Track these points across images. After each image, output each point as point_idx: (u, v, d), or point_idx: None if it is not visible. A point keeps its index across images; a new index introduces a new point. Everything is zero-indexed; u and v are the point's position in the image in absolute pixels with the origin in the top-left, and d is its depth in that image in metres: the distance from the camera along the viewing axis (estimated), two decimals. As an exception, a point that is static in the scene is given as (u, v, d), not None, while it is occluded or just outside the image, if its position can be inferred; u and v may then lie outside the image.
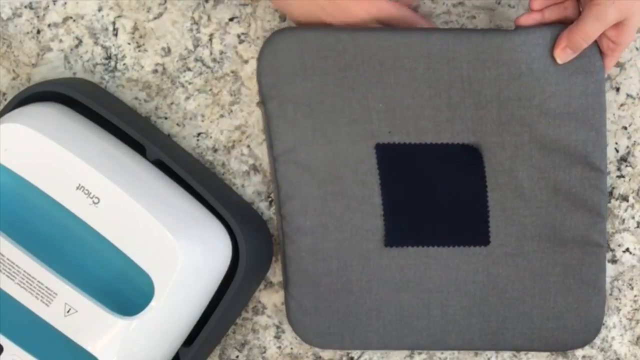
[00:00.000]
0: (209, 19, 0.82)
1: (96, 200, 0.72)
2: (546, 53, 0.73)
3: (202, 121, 0.83)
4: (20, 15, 0.83)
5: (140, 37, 0.83)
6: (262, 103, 0.77)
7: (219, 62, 0.82)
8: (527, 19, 0.73)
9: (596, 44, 0.72)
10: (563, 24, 0.72)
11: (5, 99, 0.84)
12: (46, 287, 0.71)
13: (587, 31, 0.70)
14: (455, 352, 0.83)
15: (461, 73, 0.74)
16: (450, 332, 0.79)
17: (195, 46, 0.82)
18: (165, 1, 0.82)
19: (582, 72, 0.73)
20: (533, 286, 0.78)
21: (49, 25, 0.83)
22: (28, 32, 0.83)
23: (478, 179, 0.77)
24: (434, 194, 0.78)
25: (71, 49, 0.83)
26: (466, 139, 0.76)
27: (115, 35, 0.83)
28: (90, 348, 0.71)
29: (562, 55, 0.72)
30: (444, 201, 0.78)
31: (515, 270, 0.78)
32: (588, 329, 0.79)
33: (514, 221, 0.77)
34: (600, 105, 0.74)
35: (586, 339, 0.79)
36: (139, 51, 0.83)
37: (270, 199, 0.83)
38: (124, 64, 0.83)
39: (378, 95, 0.75)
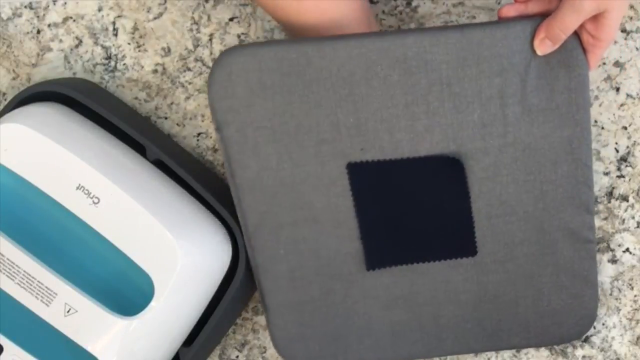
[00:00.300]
0: (209, 19, 0.82)
1: (96, 200, 0.72)
2: (527, 47, 0.71)
3: (202, 121, 0.83)
4: (20, 15, 0.83)
5: (140, 37, 0.83)
6: (218, 130, 0.72)
7: (219, 62, 0.82)
8: (510, 10, 0.72)
9: (578, 38, 0.71)
10: (545, 17, 0.71)
11: (5, 99, 0.84)
12: (46, 287, 0.71)
13: (564, 22, 0.69)
14: (455, 352, 0.83)
15: (440, 75, 0.71)
16: (446, 339, 0.79)
17: (195, 46, 0.82)
18: (165, 1, 0.82)
19: (565, 67, 0.71)
20: (525, 288, 0.77)
21: (49, 25, 0.83)
22: (28, 32, 0.83)
23: (460, 190, 0.74)
24: (414, 210, 0.75)
25: (71, 49, 0.83)
26: (446, 148, 0.73)
27: (115, 35, 0.83)
28: (90, 348, 0.71)
29: (541, 46, 0.71)
30: (425, 217, 0.75)
31: (506, 276, 0.77)
32: (583, 322, 0.78)
33: (501, 229, 0.75)
34: (584, 101, 0.72)
35: (581, 332, 0.79)
36: (139, 51, 0.83)
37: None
38: (124, 64, 0.83)
39: (348, 110, 0.71)
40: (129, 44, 0.83)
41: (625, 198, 0.81)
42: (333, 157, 0.73)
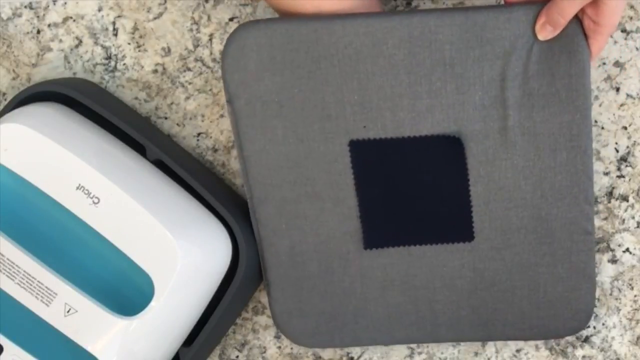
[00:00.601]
0: (209, 19, 0.82)
1: (96, 200, 0.72)
2: (529, 31, 0.71)
3: (202, 121, 0.83)
4: (20, 15, 0.83)
5: (140, 37, 0.83)
6: (229, 102, 0.74)
7: (219, 62, 0.82)
8: None
9: (580, 24, 0.71)
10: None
11: (5, 99, 0.84)
12: (46, 287, 0.71)
13: (563, 6, 0.69)
14: (456, 352, 0.83)
15: (443, 55, 0.72)
16: (441, 325, 0.79)
17: (195, 46, 0.82)
18: (165, 1, 0.82)
19: (566, 52, 0.71)
20: (521, 278, 0.77)
21: (49, 25, 0.83)
22: (28, 32, 0.83)
23: (459, 172, 0.74)
24: (413, 191, 0.75)
25: (71, 49, 0.83)
26: (447, 128, 0.73)
27: (115, 35, 0.83)
28: (90, 348, 0.71)
29: (542, 31, 0.71)
30: (424, 198, 0.75)
31: (503, 263, 0.77)
32: (579, 317, 0.78)
33: (499, 214, 0.75)
34: (585, 87, 0.72)
35: (578, 327, 0.78)
36: (139, 51, 0.83)
37: (270, 199, 0.83)
38: (124, 64, 0.83)
39: (353, 87, 0.72)
40: (129, 44, 0.83)
41: (625, 198, 0.81)
42: (336, 134, 0.74)
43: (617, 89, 0.80)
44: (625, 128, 0.80)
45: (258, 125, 0.74)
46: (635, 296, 0.82)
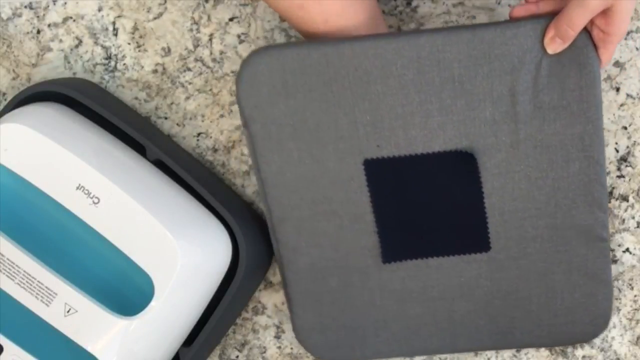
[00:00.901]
0: (209, 19, 0.82)
1: (96, 200, 0.72)
2: (538, 45, 0.71)
3: (202, 121, 0.83)
4: (20, 15, 0.83)
5: (140, 37, 0.83)
6: (245, 126, 0.76)
7: (219, 62, 0.82)
8: (521, 10, 0.72)
9: (589, 35, 0.71)
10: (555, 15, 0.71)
11: (5, 99, 0.84)
12: (46, 287, 0.71)
13: (572, 18, 0.69)
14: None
15: (452, 73, 0.73)
16: (459, 335, 0.80)
17: (195, 46, 0.82)
18: (165, 1, 0.82)
19: (576, 64, 0.72)
20: (538, 286, 0.78)
21: (49, 25, 0.83)
22: (28, 32, 0.83)
23: (473, 185, 0.76)
24: (428, 205, 0.77)
25: (71, 49, 0.83)
26: (459, 144, 0.74)
27: (115, 35, 0.83)
28: (90, 348, 0.71)
29: (552, 44, 0.71)
30: (439, 211, 0.77)
31: (519, 272, 0.77)
32: (597, 322, 0.79)
33: (514, 224, 0.76)
34: (596, 98, 0.73)
35: (595, 332, 0.79)
36: (139, 51, 0.83)
37: (270, 199, 0.83)
38: (124, 64, 0.83)
39: (365, 108, 0.74)
40: (129, 44, 0.83)
41: (625, 198, 0.81)
42: (350, 153, 0.75)
43: (617, 89, 0.80)
44: (625, 128, 0.80)
45: (274, 147, 0.76)
46: (635, 296, 0.82)
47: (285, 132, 0.75)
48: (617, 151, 0.80)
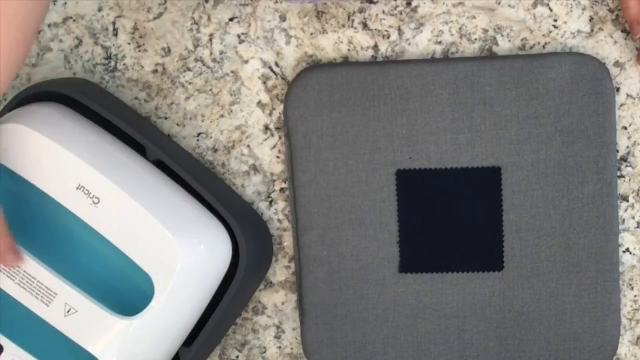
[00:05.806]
0: (209, 19, 0.82)
1: (96, 200, 0.72)
2: (561, 75, 0.77)
3: (202, 121, 0.83)
4: (20, 15, 0.83)
5: (140, 37, 0.83)
6: (287, 136, 0.80)
7: (219, 62, 0.82)
8: None
9: (606, 67, 0.77)
10: (581, 54, 0.78)
11: (5, 99, 0.84)
12: (46, 287, 0.71)
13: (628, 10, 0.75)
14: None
15: (484, 96, 0.78)
16: (468, 356, 0.81)
17: (195, 46, 0.82)
18: (165, 1, 0.82)
19: (594, 94, 0.78)
20: (549, 307, 0.79)
21: (49, 25, 0.83)
22: (28, 32, 0.83)
23: (494, 201, 0.79)
24: (450, 218, 0.80)
25: (71, 49, 0.83)
26: (485, 161, 0.79)
27: (115, 35, 0.83)
28: (90, 348, 0.71)
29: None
30: (459, 226, 0.80)
31: (531, 292, 0.79)
32: (604, 349, 0.80)
33: (529, 242, 0.79)
34: (611, 124, 0.78)
35: (602, 359, 0.80)
36: (139, 51, 0.83)
37: (270, 198, 0.83)
38: (124, 64, 0.83)
39: (402, 122, 0.79)
40: (129, 44, 0.83)
41: (625, 198, 0.81)
42: (384, 164, 0.80)
43: (617, 89, 0.80)
44: (625, 128, 0.80)
45: (312, 156, 0.80)
46: (635, 296, 0.82)
47: (324, 141, 0.80)
48: (617, 151, 0.80)
